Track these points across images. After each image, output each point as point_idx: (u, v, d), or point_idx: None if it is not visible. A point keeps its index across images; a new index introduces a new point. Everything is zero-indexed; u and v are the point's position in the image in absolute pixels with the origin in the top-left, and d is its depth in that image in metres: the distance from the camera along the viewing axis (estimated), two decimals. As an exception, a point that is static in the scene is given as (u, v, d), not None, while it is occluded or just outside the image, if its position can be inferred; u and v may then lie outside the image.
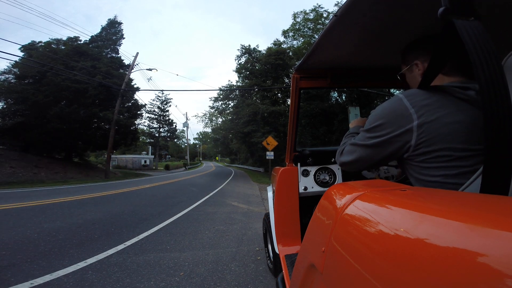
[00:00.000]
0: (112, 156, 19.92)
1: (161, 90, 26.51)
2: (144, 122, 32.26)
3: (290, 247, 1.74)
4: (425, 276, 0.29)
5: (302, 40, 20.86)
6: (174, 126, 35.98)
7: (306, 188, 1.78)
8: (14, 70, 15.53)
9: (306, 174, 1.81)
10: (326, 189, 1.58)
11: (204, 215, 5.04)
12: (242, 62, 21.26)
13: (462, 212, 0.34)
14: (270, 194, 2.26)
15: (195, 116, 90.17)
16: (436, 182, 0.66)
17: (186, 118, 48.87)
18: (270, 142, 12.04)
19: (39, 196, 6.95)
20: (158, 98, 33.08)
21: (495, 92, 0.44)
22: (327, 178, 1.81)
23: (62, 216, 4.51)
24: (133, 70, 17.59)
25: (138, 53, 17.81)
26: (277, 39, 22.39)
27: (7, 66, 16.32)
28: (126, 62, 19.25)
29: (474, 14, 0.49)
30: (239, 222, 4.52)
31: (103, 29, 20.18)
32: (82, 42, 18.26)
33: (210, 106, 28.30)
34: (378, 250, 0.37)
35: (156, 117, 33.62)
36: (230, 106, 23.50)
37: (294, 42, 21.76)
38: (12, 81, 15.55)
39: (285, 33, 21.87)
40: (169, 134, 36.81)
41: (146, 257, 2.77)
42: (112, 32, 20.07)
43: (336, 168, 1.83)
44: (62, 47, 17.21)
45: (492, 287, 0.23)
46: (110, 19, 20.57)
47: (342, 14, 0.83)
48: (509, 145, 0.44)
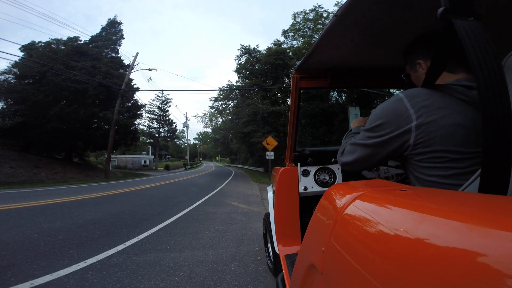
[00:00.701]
0: (112, 156, 19.92)
1: (161, 90, 26.59)
2: (144, 122, 32.31)
3: (290, 247, 1.74)
4: (425, 276, 0.29)
5: (302, 40, 20.85)
6: (174, 126, 36.01)
7: (306, 188, 1.78)
8: (14, 70, 15.54)
9: (306, 174, 1.82)
10: (326, 189, 1.58)
11: (204, 215, 5.04)
12: (242, 62, 21.25)
13: (462, 212, 0.34)
14: (270, 194, 2.26)
15: (195, 116, 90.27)
16: (432, 182, 0.68)
17: (186, 118, 48.95)
18: (270, 142, 12.04)
19: (39, 196, 6.95)
20: (158, 98, 33.12)
21: (494, 92, 0.44)
22: (327, 178, 1.81)
23: (62, 216, 4.51)
24: (133, 70, 17.61)
25: (138, 53, 17.84)
26: (277, 39, 22.40)
27: (7, 66, 16.36)
28: (126, 62, 19.29)
29: (474, 14, 0.49)
30: (239, 222, 4.52)
31: (103, 29, 20.18)
32: (82, 42, 18.27)
33: (210, 106, 28.36)
34: (378, 250, 0.37)
35: (156, 117, 33.63)
36: (230, 106, 23.51)
37: (294, 42, 21.77)
38: (12, 81, 15.55)
39: (285, 33, 21.86)
40: (169, 134, 36.81)
41: (146, 257, 2.77)
42: (112, 32, 20.07)
43: (336, 168, 1.83)
44: (62, 47, 17.21)
45: (492, 287, 0.23)
46: (110, 19, 20.60)
47: (342, 14, 0.83)
48: (508, 145, 0.44)
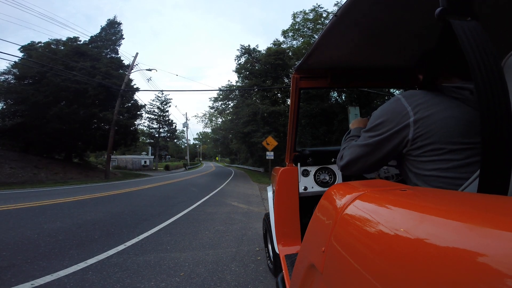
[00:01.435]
0: (112, 156, 19.92)
1: (160, 91, 26.60)
2: (144, 122, 32.30)
3: (290, 247, 1.74)
4: (425, 276, 0.29)
5: (302, 40, 20.84)
6: (174, 127, 36.01)
7: (306, 188, 1.78)
8: (14, 70, 15.52)
9: (306, 174, 1.82)
10: (326, 189, 1.58)
11: (204, 215, 5.04)
12: (242, 62, 21.23)
13: (462, 212, 0.34)
14: (270, 194, 2.26)
15: (195, 116, 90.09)
16: (432, 176, 0.69)
17: (186, 118, 48.97)
18: (270, 142, 12.03)
19: (39, 196, 6.94)
20: (158, 99, 33.12)
21: (493, 92, 0.44)
22: (327, 178, 1.81)
23: (62, 216, 4.51)
24: (132, 71, 17.60)
25: (137, 53, 17.84)
26: (276, 39, 22.39)
27: (7, 67, 16.31)
28: (126, 62, 19.28)
29: (472, 15, 0.49)
30: (239, 222, 4.52)
31: (103, 29, 20.18)
32: (81, 43, 18.26)
33: (210, 106, 28.36)
34: (378, 250, 0.37)
35: (156, 117, 33.62)
36: (230, 106, 23.48)
37: (294, 42, 21.76)
38: (11, 81, 15.54)
39: (284, 33, 21.85)
40: (169, 135, 36.80)
41: (146, 257, 2.77)
42: (111, 32, 20.06)
43: (336, 168, 1.83)
44: (62, 48, 17.20)
45: (492, 287, 0.23)
46: (109, 19, 20.60)
47: (342, 14, 0.83)
48: (507, 145, 0.44)
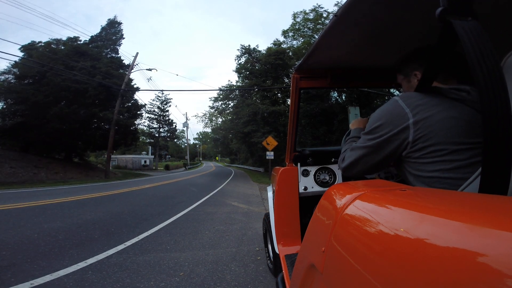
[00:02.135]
0: (112, 156, 19.92)
1: (161, 90, 26.62)
2: (144, 122, 32.23)
3: (290, 247, 1.74)
4: (425, 276, 0.29)
5: (302, 40, 20.83)
6: (174, 126, 36.01)
7: (306, 188, 1.78)
8: (14, 70, 15.52)
9: (306, 174, 1.82)
10: (326, 189, 1.58)
11: (204, 215, 5.04)
12: (242, 62, 21.21)
13: (462, 212, 0.34)
14: (270, 194, 2.26)
15: (195, 116, 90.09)
16: (433, 177, 0.68)
17: (186, 118, 48.99)
18: (270, 142, 12.03)
19: (39, 196, 6.94)
20: (158, 98, 33.10)
21: (494, 91, 0.44)
22: (327, 178, 1.81)
23: (62, 216, 4.51)
24: (133, 70, 17.61)
25: (138, 53, 17.85)
26: (277, 39, 22.35)
27: (7, 66, 16.32)
28: (126, 62, 19.26)
29: (472, 14, 0.49)
30: (239, 222, 4.52)
31: (103, 29, 20.16)
32: (82, 42, 18.24)
33: (210, 106, 28.27)
34: (378, 250, 0.37)
35: (156, 117, 33.62)
36: (230, 106, 23.46)
37: (294, 42, 21.74)
38: (12, 81, 15.54)
39: (285, 33, 21.84)
40: (169, 134, 36.79)
41: (146, 257, 2.77)
42: (112, 32, 20.05)
43: (336, 168, 1.83)
44: (62, 47, 17.19)
45: (492, 287, 0.23)
46: (110, 19, 20.57)
47: (342, 14, 0.83)
48: (508, 145, 0.44)
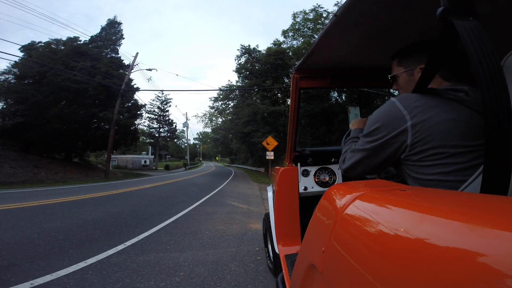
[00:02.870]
0: (112, 156, 19.91)
1: (161, 90, 26.65)
2: (144, 122, 32.28)
3: (290, 247, 1.74)
4: (425, 276, 0.29)
5: (302, 40, 20.84)
6: (174, 126, 36.02)
7: (306, 188, 1.78)
8: (14, 70, 15.52)
9: (306, 174, 1.82)
10: (326, 189, 1.58)
11: (204, 215, 5.04)
12: (242, 62, 21.22)
13: (462, 212, 0.34)
14: (270, 194, 2.26)
15: (195, 116, 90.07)
16: (433, 180, 0.67)
17: (186, 118, 49.06)
18: (270, 142, 12.03)
19: (39, 196, 6.94)
20: (158, 98, 33.12)
21: (495, 91, 0.44)
22: (327, 178, 1.81)
23: (62, 216, 4.51)
24: (133, 70, 17.61)
25: (138, 53, 17.84)
26: (277, 39, 22.37)
27: (7, 66, 16.32)
28: (126, 62, 19.27)
29: (473, 14, 0.49)
30: (239, 222, 4.52)
31: (103, 29, 20.16)
32: (81, 42, 18.24)
33: (210, 106, 28.27)
34: (378, 250, 0.37)
35: (156, 117, 33.64)
36: (230, 106, 23.46)
37: (294, 42, 21.75)
38: (12, 81, 15.54)
39: (285, 33, 21.85)
40: (169, 134, 36.80)
41: (146, 257, 2.77)
42: (111, 32, 20.04)
43: (336, 168, 1.83)
44: (62, 47, 17.19)
45: (492, 287, 0.23)
46: (109, 19, 20.57)
47: (342, 14, 0.83)
48: (508, 144, 0.44)
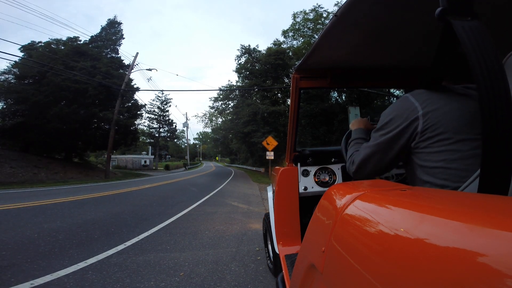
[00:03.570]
0: (112, 156, 19.91)
1: (161, 90, 26.62)
2: (144, 122, 32.26)
3: (290, 247, 1.74)
4: (425, 276, 0.29)
5: (302, 40, 20.85)
6: (174, 126, 36.00)
7: (306, 188, 1.78)
8: (14, 70, 15.52)
9: (306, 174, 1.81)
10: (326, 189, 1.58)
11: (204, 215, 5.04)
12: (242, 62, 21.22)
13: (462, 212, 0.34)
14: (270, 194, 2.26)
15: (195, 116, 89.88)
16: (438, 168, 0.69)
17: (186, 118, 48.98)
18: (270, 142, 12.02)
19: (39, 196, 6.94)
20: (158, 98, 33.11)
21: (494, 91, 0.44)
22: (327, 178, 1.81)
23: (62, 216, 4.51)
24: (133, 70, 17.60)
25: (138, 53, 17.84)
26: (277, 39, 22.38)
27: (7, 66, 16.31)
28: (126, 62, 19.27)
29: (472, 14, 0.49)
30: (239, 222, 4.52)
31: (103, 29, 20.16)
32: (82, 42, 18.24)
33: (210, 106, 28.25)
34: (378, 250, 0.37)
35: (156, 117, 33.62)
36: (230, 106, 23.47)
37: (294, 42, 21.78)
38: (12, 81, 15.54)
39: (285, 33, 21.86)
40: (169, 134, 36.78)
41: (146, 257, 2.77)
42: (112, 32, 20.05)
43: (336, 168, 1.83)
44: (62, 47, 17.19)
45: (492, 287, 0.23)
46: (109, 19, 20.58)
47: (342, 14, 0.83)
48: (508, 145, 0.44)
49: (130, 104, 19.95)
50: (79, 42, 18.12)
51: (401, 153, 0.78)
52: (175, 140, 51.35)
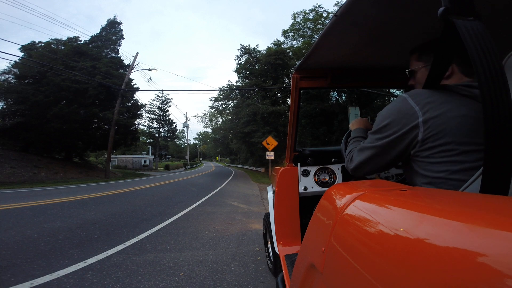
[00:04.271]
0: (112, 156, 19.91)
1: (161, 90, 26.64)
2: (144, 122, 32.27)
3: (290, 247, 1.74)
4: (425, 276, 0.29)
5: (302, 40, 20.85)
6: (174, 126, 36.02)
7: (306, 188, 1.78)
8: (14, 70, 15.52)
9: (306, 174, 1.81)
10: (326, 189, 1.58)
11: (204, 215, 5.04)
12: (242, 62, 21.23)
13: (462, 212, 0.34)
14: (270, 194, 2.26)
15: (195, 116, 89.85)
16: (440, 178, 0.66)
17: (186, 118, 49.07)
18: (270, 142, 12.02)
19: (39, 196, 6.94)
20: (158, 98, 33.14)
21: (495, 91, 0.44)
22: (327, 178, 1.81)
23: (62, 216, 4.51)
24: (133, 70, 17.60)
25: (138, 53, 17.83)
26: (277, 39, 22.40)
27: (7, 66, 16.33)
28: (126, 62, 19.28)
29: (474, 14, 0.49)
30: (239, 222, 4.52)
31: (103, 29, 20.16)
32: (82, 42, 18.24)
33: (210, 106, 28.25)
34: (378, 250, 0.37)
35: (156, 117, 33.64)
36: (230, 106, 23.48)
37: (294, 42, 21.76)
38: (12, 81, 15.54)
39: (285, 33, 21.85)
40: (169, 134, 36.80)
41: (146, 257, 2.77)
42: (112, 32, 20.04)
43: (336, 168, 1.83)
44: (62, 47, 17.20)
45: (492, 287, 0.23)
46: (110, 19, 20.56)
47: (342, 14, 0.83)
48: (509, 145, 0.44)
49: (130, 104, 19.95)
50: (79, 42, 18.12)
51: (398, 157, 0.75)
52: (175, 140, 51.41)
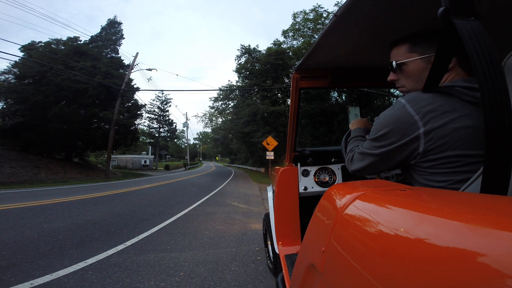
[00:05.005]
0: (112, 156, 19.91)
1: (161, 90, 26.69)
2: (144, 122, 32.29)
3: (290, 247, 1.74)
4: (425, 276, 0.29)
5: (302, 40, 20.84)
6: (174, 126, 36.05)
7: (306, 188, 1.78)
8: (14, 70, 15.53)
9: (306, 174, 1.81)
10: (326, 189, 1.58)
11: (204, 215, 5.04)
12: (242, 62, 21.22)
13: (462, 212, 0.34)
14: (270, 194, 2.26)
15: (195, 116, 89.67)
16: (441, 188, 0.65)
17: (186, 118, 49.06)
18: (270, 142, 12.02)
19: (39, 196, 6.94)
20: (158, 98, 33.16)
21: (495, 92, 0.44)
22: (327, 178, 1.81)
23: (62, 216, 4.51)
24: (133, 70, 17.60)
25: (138, 53, 17.83)
26: (277, 39, 22.40)
27: (7, 66, 16.33)
28: (126, 62, 19.28)
29: (474, 14, 0.49)
30: (239, 222, 4.52)
31: (103, 29, 20.16)
32: (82, 42, 18.24)
33: (210, 106, 28.24)
34: (378, 250, 0.37)
35: (156, 117, 33.67)
36: (230, 106, 23.48)
37: (294, 42, 21.76)
38: (12, 81, 15.54)
39: (285, 33, 21.85)
40: (169, 134, 36.82)
41: (146, 257, 2.77)
42: (112, 32, 20.04)
43: (336, 168, 1.83)
44: (62, 47, 17.20)
45: (492, 287, 0.23)
46: (110, 19, 20.56)
47: (342, 14, 0.83)
48: (508, 145, 0.44)
49: (130, 104, 19.95)
50: (79, 42, 18.12)
51: (399, 165, 0.74)
52: (175, 140, 51.42)
